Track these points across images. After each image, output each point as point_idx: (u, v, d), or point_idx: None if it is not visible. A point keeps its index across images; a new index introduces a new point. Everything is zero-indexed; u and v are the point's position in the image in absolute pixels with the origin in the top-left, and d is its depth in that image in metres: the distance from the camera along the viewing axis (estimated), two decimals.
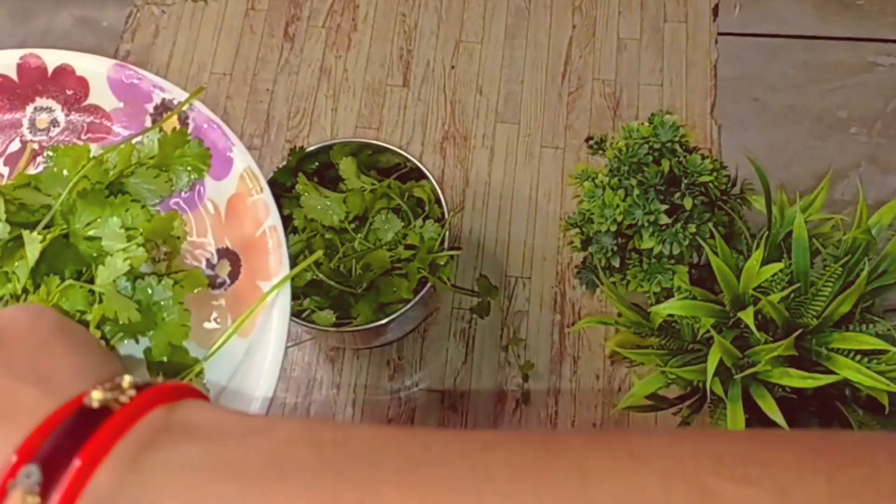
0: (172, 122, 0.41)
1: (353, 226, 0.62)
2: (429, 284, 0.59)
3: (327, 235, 0.61)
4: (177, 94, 0.42)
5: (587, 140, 0.57)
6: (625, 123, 0.54)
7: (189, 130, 0.41)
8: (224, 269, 0.40)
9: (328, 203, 0.61)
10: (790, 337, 0.47)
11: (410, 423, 0.68)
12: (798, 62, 0.79)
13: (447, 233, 0.61)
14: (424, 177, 0.63)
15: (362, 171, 0.64)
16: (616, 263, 0.54)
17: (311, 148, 0.63)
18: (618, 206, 0.51)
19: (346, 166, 0.63)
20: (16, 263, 0.35)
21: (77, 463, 0.22)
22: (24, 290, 0.34)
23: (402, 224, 0.62)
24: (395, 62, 0.82)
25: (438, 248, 0.60)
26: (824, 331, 0.49)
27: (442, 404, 0.68)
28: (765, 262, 0.50)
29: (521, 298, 0.71)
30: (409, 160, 0.64)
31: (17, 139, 0.44)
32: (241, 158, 0.40)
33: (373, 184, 0.63)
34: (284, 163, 0.63)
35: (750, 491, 0.20)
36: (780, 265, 0.49)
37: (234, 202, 0.40)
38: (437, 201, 0.63)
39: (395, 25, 0.84)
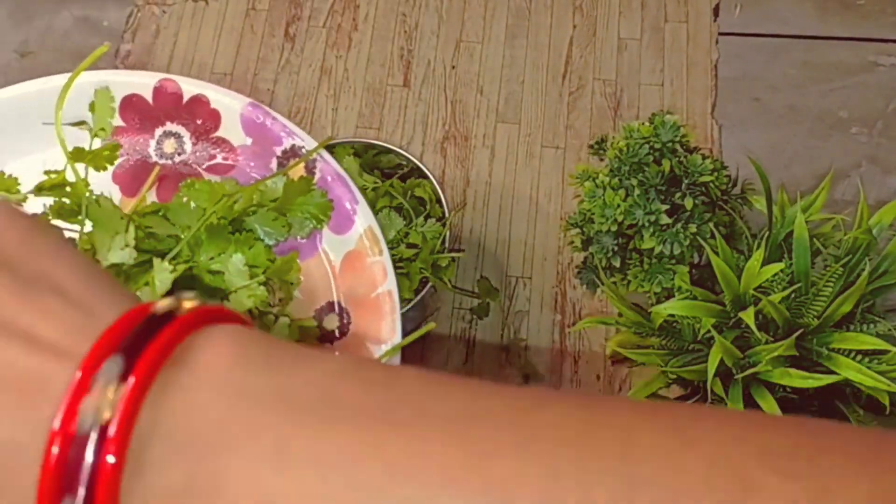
0: (299, 170, 0.41)
1: None
2: (429, 284, 0.59)
3: None
4: (307, 142, 0.42)
5: (591, 146, 0.57)
6: (625, 123, 0.55)
7: (315, 180, 0.41)
8: (332, 323, 0.40)
9: None
10: (791, 337, 0.47)
11: None
12: (799, 62, 0.79)
13: (448, 232, 0.61)
14: (425, 177, 0.63)
15: (365, 170, 0.64)
16: (617, 263, 0.54)
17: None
18: (618, 206, 0.51)
19: (349, 166, 0.63)
20: (139, 290, 0.35)
21: (147, 356, 0.21)
22: None
23: (404, 223, 0.62)
24: (396, 62, 0.82)
25: (440, 248, 0.61)
26: (825, 331, 0.49)
27: None
28: (766, 262, 0.50)
29: (522, 298, 0.71)
30: (410, 160, 0.64)
31: (143, 159, 0.44)
32: (364, 217, 0.40)
33: (375, 182, 0.63)
34: None
35: (792, 486, 0.20)
36: (780, 265, 0.49)
37: (351, 259, 0.40)
38: (438, 201, 0.63)
39: (395, 25, 0.84)
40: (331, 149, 0.64)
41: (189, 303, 0.24)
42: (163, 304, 0.23)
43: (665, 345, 0.53)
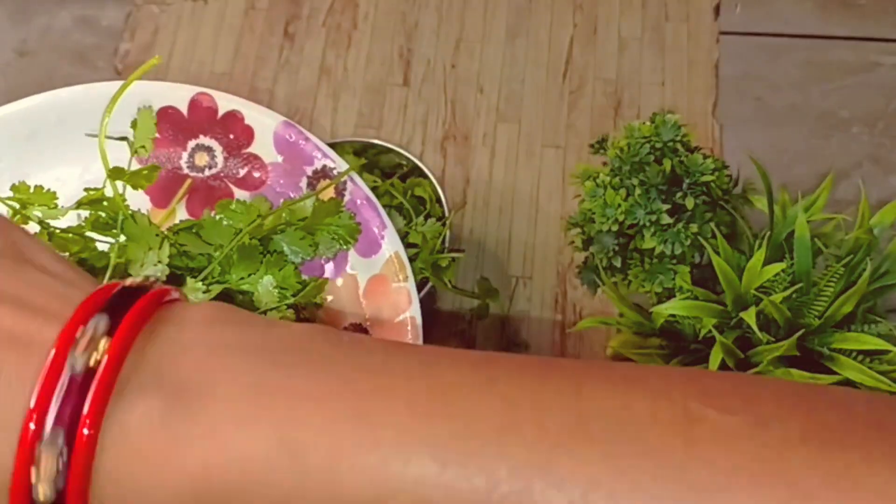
0: (329, 191, 0.42)
1: None
2: (429, 284, 0.59)
3: None
4: (338, 164, 0.42)
5: (591, 146, 0.57)
6: (626, 123, 0.54)
7: (344, 202, 0.42)
8: None
9: None
10: (792, 337, 0.47)
11: None
12: (800, 61, 0.79)
13: (448, 232, 0.61)
14: (425, 177, 0.63)
15: (365, 170, 0.63)
16: (617, 263, 0.54)
17: None
18: (619, 205, 0.51)
19: (349, 164, 0.63)
20: None
21: (132, 313, 0.23)
22: None
23: (404, 222, 0.61)
24: (396, 61, 0.82)
25: (440, 248, 0.60)
26: (826, 331, 0.49)
27: None
28: (767, 262, 0.50)
29: (523, 299, 0.71)
30: (410, 160, 0.63)
31: (173, 170, 0.44)
32: (392, 242, 0.41)
33: (375, 182, 0.62)
34: None
35: (731, 418, 0.22)
36: (782, 265, 0.49)
37: (377, 282, 0.41)
38: (438, 200, 0.63)
39: (395, 24, 0.84)
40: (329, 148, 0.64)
41: (159, 284, 0.26)
42: (136, 280, 0.25)
43: (666, 345, 0.53)
